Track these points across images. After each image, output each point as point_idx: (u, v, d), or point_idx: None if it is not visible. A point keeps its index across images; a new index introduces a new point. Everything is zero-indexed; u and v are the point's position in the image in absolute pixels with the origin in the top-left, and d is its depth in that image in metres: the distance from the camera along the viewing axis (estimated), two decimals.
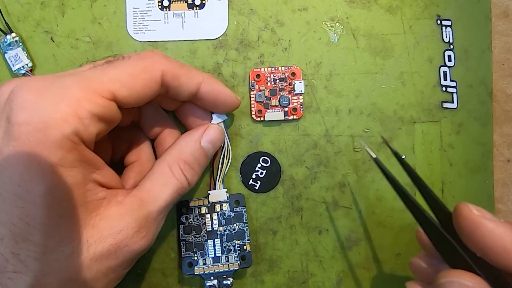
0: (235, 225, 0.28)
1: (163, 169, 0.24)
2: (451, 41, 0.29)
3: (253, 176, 0.29)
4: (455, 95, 0.29)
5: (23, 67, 0.28)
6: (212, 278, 0.27)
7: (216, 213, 0.28)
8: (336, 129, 0.29)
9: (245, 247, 0.28)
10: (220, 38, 0.29)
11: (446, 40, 0.29)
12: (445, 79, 0.29)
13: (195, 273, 0.27)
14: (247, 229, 0.28)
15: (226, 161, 0.28)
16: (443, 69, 0.29)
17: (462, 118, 0.30)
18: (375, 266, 0.30)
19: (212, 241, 0.28)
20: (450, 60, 0.29)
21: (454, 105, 0.30)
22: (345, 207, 0.29)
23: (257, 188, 0.29)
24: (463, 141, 0.30)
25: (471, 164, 0.30)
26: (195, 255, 0.28)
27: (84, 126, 0.20)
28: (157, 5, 0.29)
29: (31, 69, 0.28)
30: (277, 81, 0.29)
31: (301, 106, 0.29)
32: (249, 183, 0.29)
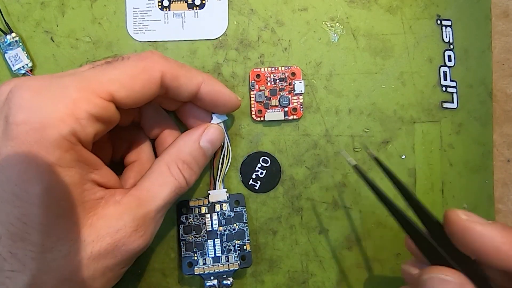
0: (235, 225, 0.28)
1: (161, 168, 0.24)
2: (451, 41, 0.29)
3: (253, 176, 0.29)
4: (455, 95, 0.29)
5: (23, 67, 0.28)
6: (212, 278, 0.27)
7: (216, 213, 0.28)
8: (336, 129, 0.29)
9: (245, 247, 0.28)
10: (220, 38, 0.29)
11: (446, 40, 0.29)
12: (445, 79, 0.29)
13: (195, 273, 0.27)
14: (247, 229, 0.28)
15: (226, 161, 0.28)
16: (443, 69, 0.29)
17: (462, 118, 0.30)
18: (375, 266, 0.30)
19: (212, 241, 0.28)
20: (450, 60, 0.29)
21: (454, 105, 0.30)
22: (345, 207, 0.29)
23: (257, 188, 0.29)
24: (463, 141, 0.30)
25: (471, 164, 0.30)
26: (195, 255, 0.28)
27: (81, 126, 0.20)
28: (157, 5, 0.29)
29: (31, 69, 0.28)
30: (277, 81, 0.29)
31: (301, 106, 0.29)
32: (249, 183, 0.29)
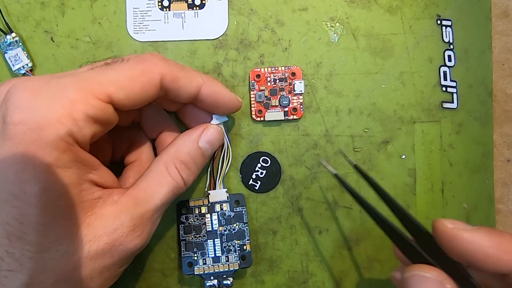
0: (235, 225, 0.28)
1: (159, 168, 0.24)
2: (451, 41, 0.29)
3: (253, 176, 0.29)
4: (455, 95, 0.29)
5: (23, 67, 0.28)
6: (212, 278, 0.27)
7: (216, 213, 0.28)
8: (336, 129, 0.29)
9: (245, 247, 0.28)
10: (220, 38, 0.29)
11: (446, 40, 0.29)
12: (445, 79, 0.29)
13: (195, 273, 0.27)
14: (247, 229, 0.28)
15: (226, 161, 0.28)
16: (443, 69, 0.29)
17: (462, 118, 0.30)
18: (375, 266, 0.30)
19: (212, 241, 0.28)
20: (450, 60, 0.29)
21: (454, 105, 0.30)
22: (345, 207, 0.29)
23: (257, 188, 0.29)
24: (463, 141, 0.30)
25: (471, 164, 0.30)
26: (195, 255, 0.28)
27: (78, 127, 0.20)
28: (157, 5, 0.29)
29: (31, 69, 0.28)
30: (277, 81, 0.29)
31: (301, 106, 0.29)
32: (249, 183, 0.29)
